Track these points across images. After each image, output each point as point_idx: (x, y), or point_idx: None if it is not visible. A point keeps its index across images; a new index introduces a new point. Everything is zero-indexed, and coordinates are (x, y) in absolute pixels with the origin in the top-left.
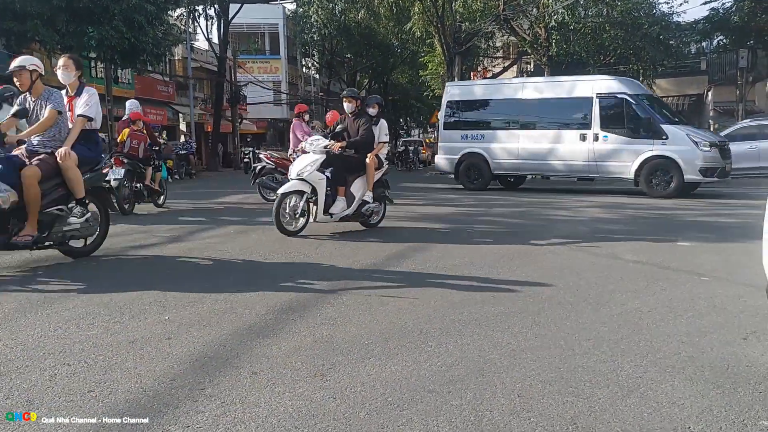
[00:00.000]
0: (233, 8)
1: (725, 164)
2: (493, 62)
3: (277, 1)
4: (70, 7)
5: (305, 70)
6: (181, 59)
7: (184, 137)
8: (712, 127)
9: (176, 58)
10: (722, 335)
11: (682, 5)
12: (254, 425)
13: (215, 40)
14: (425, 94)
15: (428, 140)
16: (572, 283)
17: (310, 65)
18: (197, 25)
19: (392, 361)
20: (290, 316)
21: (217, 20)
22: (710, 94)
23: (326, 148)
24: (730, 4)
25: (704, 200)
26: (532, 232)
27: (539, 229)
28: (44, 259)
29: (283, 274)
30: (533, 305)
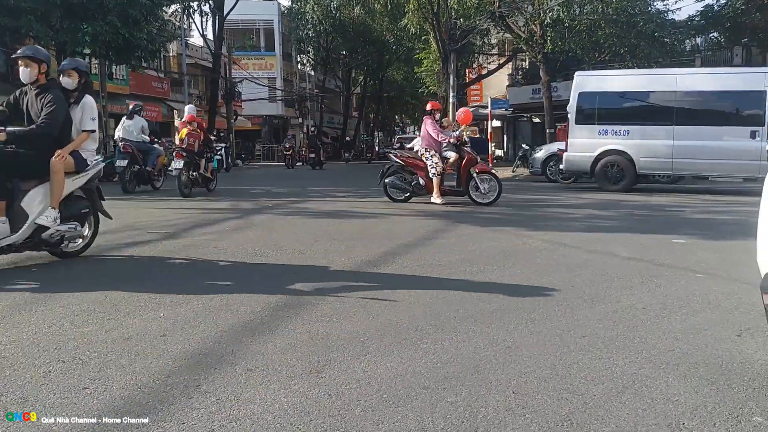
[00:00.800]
0: (228, 4)
1: None
2: (488, 59)
3: None
4: (64, 2)
5: (300, 66)
6: (175, 55)
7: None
8: None
9: (171, 54)
10: (717, 332)
11: (676, 2)
12: (249, 422)
13: (210, 36)
14: (420, 90)
15: None
16: (567, 279)
17: (305, 62)
18: (192, 21)
19: (387, 357)
20: (285, 313)
21: (212, 16)
22: None
23: None
24: (724, 1)
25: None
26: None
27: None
28: (37, 257)
29: (278, 271)
30: (528, 302)
